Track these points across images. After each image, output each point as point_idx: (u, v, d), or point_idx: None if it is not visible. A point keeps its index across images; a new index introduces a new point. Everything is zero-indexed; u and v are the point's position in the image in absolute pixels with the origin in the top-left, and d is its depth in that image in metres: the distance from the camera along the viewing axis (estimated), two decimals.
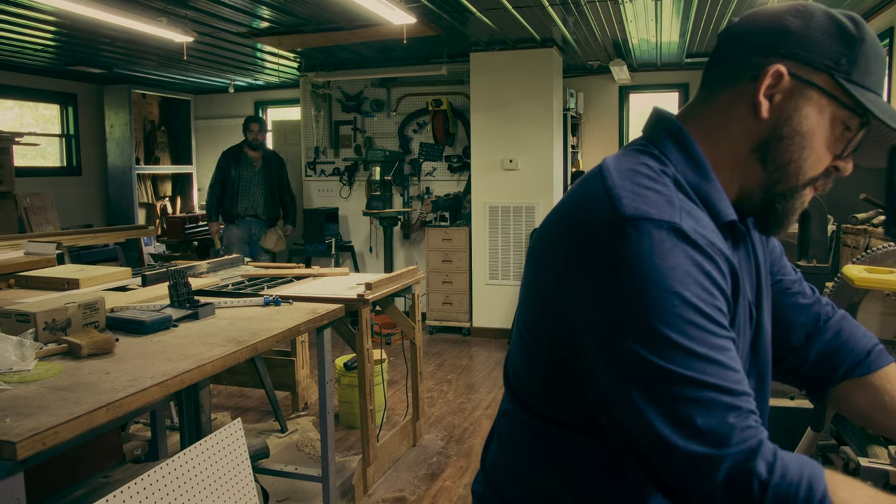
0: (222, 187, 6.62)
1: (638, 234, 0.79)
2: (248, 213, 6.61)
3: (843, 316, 1.11)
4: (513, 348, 1.02)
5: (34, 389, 1.66)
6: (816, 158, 0.90)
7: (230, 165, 6.59)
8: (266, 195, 6.66)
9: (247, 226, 6.65)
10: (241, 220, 6.62)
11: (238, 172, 6.58)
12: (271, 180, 6.69)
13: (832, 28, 0.88)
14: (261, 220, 6.67)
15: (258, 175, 6.64)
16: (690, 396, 0.75)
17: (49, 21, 5.11)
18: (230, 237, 6.63)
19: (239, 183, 6.57)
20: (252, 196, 6.62)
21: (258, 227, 6.69)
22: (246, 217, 6.62)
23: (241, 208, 6.58)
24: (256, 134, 6.61)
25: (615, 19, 5.25)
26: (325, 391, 2.75)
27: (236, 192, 6.58)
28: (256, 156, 6.66)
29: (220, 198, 6.62)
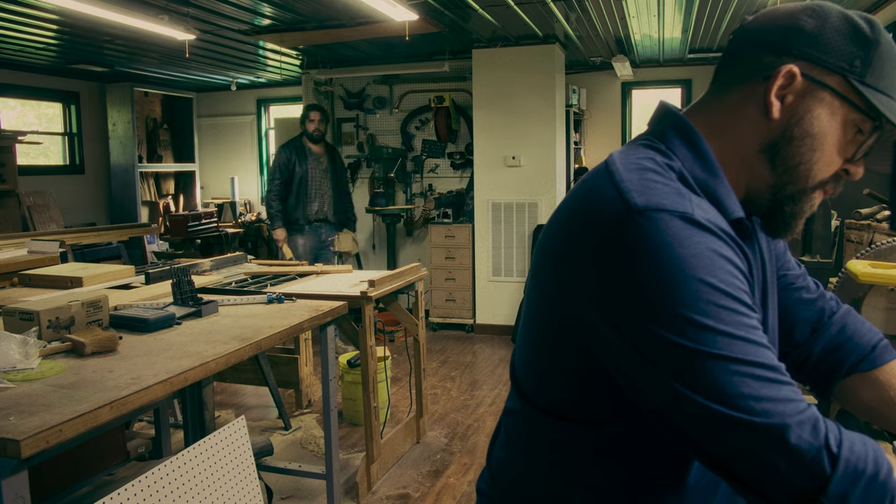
0: (286, 189, 5.70)
1: (653, 225, 0.79)
2: (319, 218, 5.80)
3: (848, 311, 1.10)
4: (520, 345, 1.02)
5: (38, 387, 1.67)
6: (827, 161, 0.89)
7: (293, 163, 5.65)
8: (335, 195, 5.85)
9: (316, 232, 5.83)
10: (311, 225, 5.78)
11: (304, 171, 5.66)
12: (338, 177, 5.89)
13: (847, 29, 0.86)
14: (331, 223, 5.88)
15: (326, 172, 5.78)
16: (738, 376, 0.75)
17: (51, 19, 5.12)
18: (297, 248, 5.76)
19: (307, 183, 5.68)
20: (323, 197, 5.78)
21: (328, 233, 5.90)
22: (315, 222, 5.80)
23: (312, 212, 5.75)
24: (317, 124, 5.70)
25: (617, 15, 5.23)
26: (329, 388, 2.75)
27: (304, 193, 5.69)
28: (320, 150, 5.80)
29: (283, 202, 5.69)
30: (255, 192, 9.03)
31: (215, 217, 7.95)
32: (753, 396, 0.74)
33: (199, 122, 8.98)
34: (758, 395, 0.74)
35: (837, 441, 0.75)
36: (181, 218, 7.54)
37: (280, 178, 5.66)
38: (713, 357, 0.75)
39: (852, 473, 0.74)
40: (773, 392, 0.75)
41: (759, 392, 0.75)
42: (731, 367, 0.75)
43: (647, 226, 0.79)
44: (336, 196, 5.84)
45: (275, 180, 5.67)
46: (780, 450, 0.74)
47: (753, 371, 0.75)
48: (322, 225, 5.83)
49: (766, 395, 0.75)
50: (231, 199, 8.79)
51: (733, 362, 0.75)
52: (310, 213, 5.74)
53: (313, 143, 5.74)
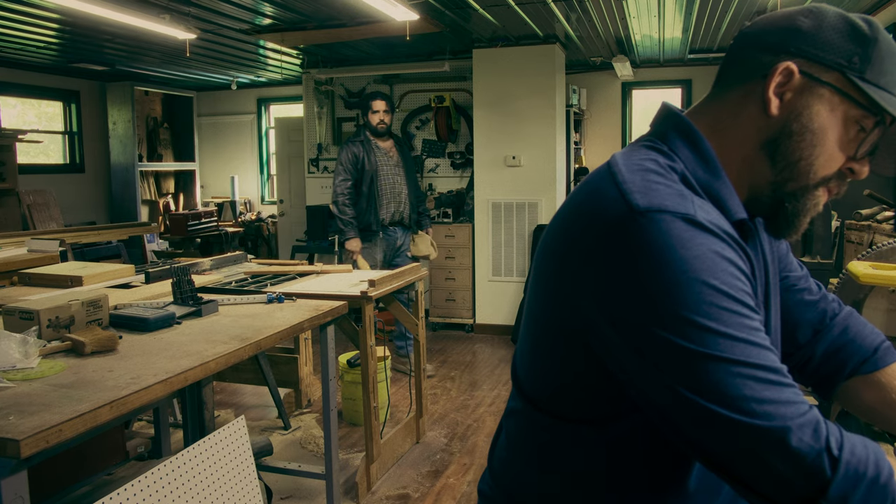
0: (356, 192, 5.01)
1: (655, 226, 0.79)
2: (395, 221, 5.14)
3: (850, 312, 1.10)
4: (521, 345, 1.02)
5: (38, 387, 1.66)
6: (828, 157, 0.89)
7: (362, 161, 4.97)
8: (410, 195, 5.18)
9: (391, 237, 5.16)
10: (386, 230, 5.11)
11: (374, 169, 4.98)
12: (410, 174, 5.22)
13: (845, 27, 0.87)
14: (405, 226, 5.23)
15: (398, 168, 5.12)
16: (740, 378, 0.75)
17: (52, 18, 5.12)
18: (374, 257, 5.08)
19: (379, 183, 5.00)
20: (398, 197, 5.09)
21: (404, 236, 5.25)
22: (390, 226, 5.13)
23: (387, 216, 5.07)
24: (382, 115, 4.99)
25: (618, 15, 5.23)
26: (329, 388, 2.74)
27: (376, 195, 5.00)
28: (388, 145, 5.12)
29: (354, 206, 5.02)
30: (255, 192, 9.04)
31: (215, 216, 7.96)
32: (755, 399, 0.74)
33: (199, 121, 8.98)
34: (759, 397, 0.74)
35: (839, 444, 0.75)
36: (181, 217, 7.54)
37: (351, 179, 4.97)
38: (715, 359, 0.75)
39: (853, 476, 0.74)
40: (774, 394, 0.75)
41: (761, 394, 0.75)
42: (733, 369, 0.75)
43: (649, 227, 0.79)
44: (411, 197, 5.19)
45: (345, 182, 4.96)
46: (781, 452, 0.74)
47: (755, 373, 0.75)
48: (398, 228, 5.18)
49: (767, 398, 0.75)
50: (231, 199, 8.79)
51: (735, 364, 0.75)
52: (384, 216, 5.05)
53: (379, 137, 5.06)
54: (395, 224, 5.13)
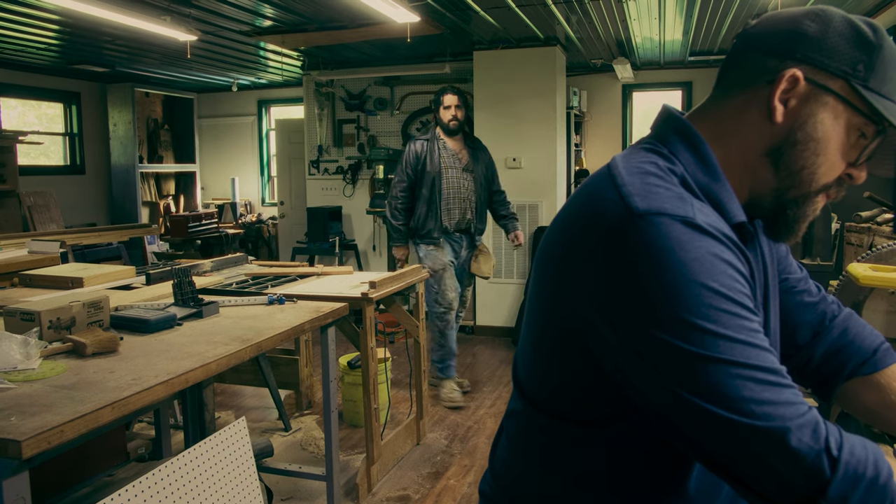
0: (411, 195, 4.59)
1: (654, 229, 0.79)
2: (460, 228, 4.67)
3: (850, 314, 1.10)
4: (522, 346, 1.02)
5: (39, 388, 1.67)
6: (830, 165, 0.89)
7: (423, 161, 4.52)
8: (478, 202, 4.67)
9: (455, 245, 4.72)
10: (450, 236, 4.68)
11: (437, 171, 4.51)
12: (488, 175, 4.74)
13: (850, 33, 0.87)
14: (470, 236, 4.75)
15: (467, 172, 4.62)
16: (739, 379, 0.75)
17: (53, 20, 5.12)
18: (439, 259, 4.58)
19: (441, 186, 4.53)
20: (464, 203, 4.61)
21: (468, 248, 4.77)
22: (456, 233, 4.68)
23: (450, 223, 4.61)
24: (455, 111, 4.50)
25: (618, 18, 5.24)
26: (329, 390, 2.75)
27: (438, 199, 4.52)
28: (458, 145, 4.63)
29: (408, 211, 4.61)
30: (256, 193, 9.04)
31: (216, 218, 7.97)
32: (755, 400, 0.75)
33: (199, 123, 9.00)
34: (759, 398, 0.75)
35: (838, 444, 0.75)
36: (181, 219, 7.55)
37: (406, 181, 4.55)
38: (714, 361, 0.76)
39: (852, 477, 0.74)
40: (774, 395, 0.75)
41: (761, 395, 0.75)
42: (733, 370, 0.75)
43: (648, 230, 0.79)
44: (479, 204, 4.68)
45: (400, 184, 4.57)
46: (781, 453, 0.74)
47: (755, 374, 0.76)
48: (463, 237, 4.73)
49: (767, 399, 0.75)
50: (231, 200, 8.80)
51: (735, 366, 0.76)
52: (447, 223, 4.59)
53: (450, 135, 4.59)
54: (462, 231, 4.70)
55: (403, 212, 4.60)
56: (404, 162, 4.54)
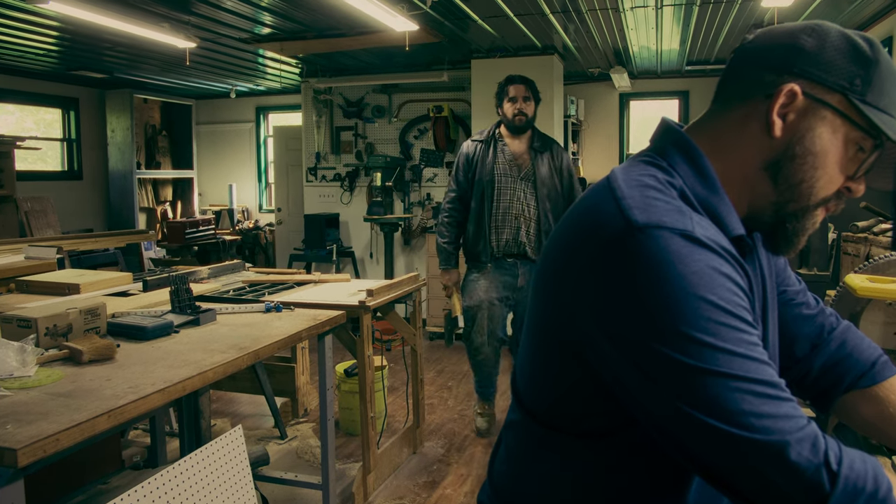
0: (463, 209, 3.87)
1: (654, 242, 0.79)
2: (511, 252, 3.82)
3: (848, 326, 1.11)
4: (521, 358, 1.02)
5: (35, 396, 1.66)
6: (829, 179, 0.90)
7: (475, 167, 3.80)
8: (541, 219, 3.79)
9: (507, 273, 3.85)
10: (498, 262, 3.83)
11: (490, 180, 3.77)
12: (550, 189, 3.82)
13: (847, 48, 0.87)
14: (530, 260, 3.84)
15: (529, 182, 3.80)
16: (738, 392, 0.75)
17: (52, 26, 5.13)
18: (476, 293, 3.85)
19: (493, 198, 3.78)
20: (519, 220, 3.77)
21: (526, 273, 3.85)
22: (507, 258, 3.83)
23: (499, 243, 3.79)
24: (522, 104, 3.77)
25: (616, 27, 5.26)
26: (326, 398, 2.74)
27: (489, 213, 3.77)
28: (522, 148, 3.85)
29: (459, 227, 3.89)
30: (253, 200, 9.04)
31: (213, 224, 7.96)
32: (754, 413, 0.75)
33: (197, 129, 9.00)
34: (758, 411, 0.75)
35: (837, 458, 0.75)
36: (179, 225, 7.54)
37: (457, 191, 3.85)
38: (714, 374, 0.76)
39: (851, 491, 0.74)
40: (773, 409, 0.75)
41: (760, 409, 0.75)
42: (732, 384, 0.76)
43: (647, 243, 0.79)
44: (545, 219, 3.78)
45: (449, 193, 3.90)
46: (780, 466, 0.74)
47: (754, 388, 0.76)
48: (518, 264, 3.82)
49: (766, 412, 0.75)
50: (229, 207, 8.79)
51: (734, 379, 0.76)
52: (494, 245, 3.78)
53: (515, 134, 3.83)
54: (514, 256, 3.79)
55: (452, 227, 3.84)
56: (455, 167, 3.86)
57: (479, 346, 3.86)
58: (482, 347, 3.86)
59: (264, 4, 4.63)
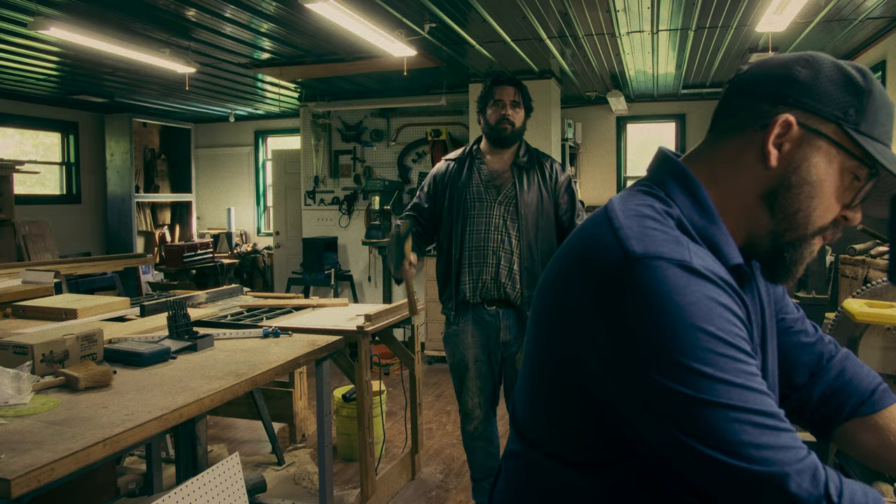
0: (428, 237, 3.16)
1: (651, 273, 0.79)
2: (493, 297, 2.96)
3: (847, 354, 1.11)
4: (520, 387, 1.02)
5: (30, 424, 1.65)
6: (825, 208, 0.91)
7: (445, 193, 3.05)
8: (527, 254, 2.94)
9: (488, 327, 3.00)
10: (478, 311, 3.00)
11: (463, 206, 2.98)
12: (538, 215, 2.98)
13: (840, 79, 0.88)
14: (512, 309, 2.98)
15: (510, 209, 2.97)
16: (737, 423, 0.75)
17: (53, 52, 5.16)
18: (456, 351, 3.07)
19: (467, 230, 2.97)
20: (493, 259, 2.94)
21: (510, 326, 2.99)
22: (486, 307, 2.98)
23: (466, 291, 2.98)
24: (510, 111, 3.00)
25: (612, 52, 5.31)
26: (324, 424, 2.72)
27: (460, 250, 2.99)
28: (503, 165, 3.05)
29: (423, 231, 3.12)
30: (252, 223, 9.05)
31: (211, 248, 7.96)
32: (753, 444, 0.75)
33: (196, 153, 9.03)
34: (757, 442, 0.75)
35: (838, 490, 0.75)
36: (177, 248, 7.53)
37: (412, 210, 3.14)
38: (713, 405, 0.76)
39: None
40: (772, 439, 0.75)
41: (759, 439, 0.75)
42: (731, 414, 0.75)
43: (645, 273, 0.79)
44: (530, 256, 2.94)
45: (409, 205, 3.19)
46: (780, 498, 0.74)
47: (752, 418, 0.76)
48: (499, 314, 2.97)
49: (765, 443, 0.75)
50: (227, 230, 8.80)
51: (733, 410, 0.76)
52: (468, 286, 2.97)
53: (496, 147, 3.05)
54: (493, 301, 2.96)
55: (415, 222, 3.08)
56: (427, 186, 3.15)
57: (471, 411, 3.06)
58: (474, 412, 3.05)
59: (264, 30, 4.67)
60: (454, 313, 3.06)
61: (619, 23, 4.52)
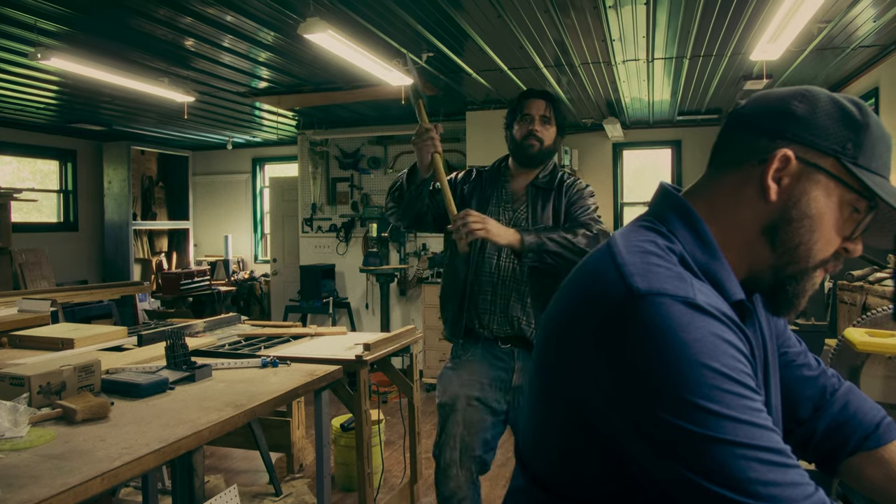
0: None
1: (655, 310, 0.79)
2: (505, 333, 2.59)
3: (850, 388, 1.11)
4: (524, 423, 1.02)
5: (27, 457, 1.63)
6: (826, 241, 0.91)
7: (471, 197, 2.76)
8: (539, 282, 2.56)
9: (498, 366, 2.59)
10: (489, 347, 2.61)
11: None
12: None
13: (837, 113, 0.89)
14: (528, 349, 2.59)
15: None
16: (744, 460, 0.75)
17: (52, 81, 5.19)
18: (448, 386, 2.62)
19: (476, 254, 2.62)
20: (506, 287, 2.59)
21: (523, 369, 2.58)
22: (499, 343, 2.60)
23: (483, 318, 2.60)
24: (539, 127, 2.65)
25: (608, 79, 5.36)
26: (323, 454, 2.70)
27: (466, 276, 2.63)
28: (520, 186, 2.72)
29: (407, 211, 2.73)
30: (248, 250, 9.05)
31: (208, 275, 7.94)
32: (760, 481, 0.74)
33: (194, 180, 9.05)
34: (765, 479, 0.74)
35: None
36: (174, 276, 7.52)
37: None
38: (719, 442, 0.75)
39: None
40: (779, 476, 0.75)
41: (766, 476, 0.74)
42: (738, 451, 0.75)
43: (649, 310, 0.79)
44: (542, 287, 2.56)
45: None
46: None
47: (759, 455, 0.75)
48: (514, 352, 2.59)
49: (772, 480, 0.74)
50: (224, 257, 8.79)
51: (739, 447, 0.75)
52: (476, 317, 2.61)
53: (521, 166, 2.71)
54: (507, 338, 2.60)
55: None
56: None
57: (446, 468, 2.56)
58: (449, 470, 2.55)
59: (262, 59, 4.71)
60: (462, 341, 2.65)
61: (615, 52, 4.57)
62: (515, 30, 4.08)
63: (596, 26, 4.03)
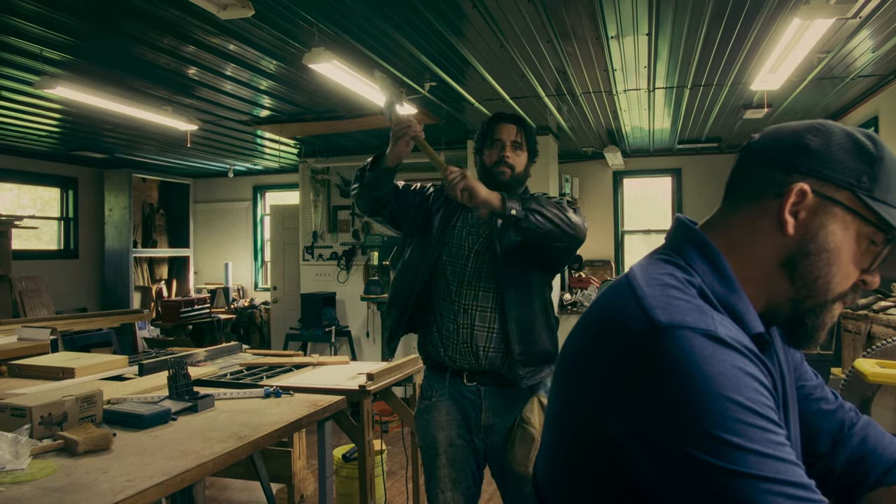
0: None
1: (678, 343, 0.79)
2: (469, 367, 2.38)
3: (868, 422, 1.10)
4: (542, 454, 1.01)
5: (28, 491, 1.60)
6: (844, 274, 0.91)
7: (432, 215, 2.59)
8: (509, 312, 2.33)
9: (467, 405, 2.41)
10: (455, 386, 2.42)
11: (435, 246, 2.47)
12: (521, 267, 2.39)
13: (852, 147, 0.90)
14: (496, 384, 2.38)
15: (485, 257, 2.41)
16: (769, 495, 0.74)
17: (55, 109, 5.22)
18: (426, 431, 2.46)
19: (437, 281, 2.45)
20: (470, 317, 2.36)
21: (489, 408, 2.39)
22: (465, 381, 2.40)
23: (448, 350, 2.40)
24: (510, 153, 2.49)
25: (609, 108, 5.39)
26: (326, 486, 2.66)
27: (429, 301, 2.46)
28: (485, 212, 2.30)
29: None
30: (249, 278, 9.03)
31: (208, 303, 7.92)
32: None
33: (195, 208, 9.07)
34: None
35: None
36: (174, 304, 7.49)
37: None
38: (744, 476, 0.74)
39: None
40: None
41: None
42: (763, 486, 0.74)
43: (672, 343, 0.79)
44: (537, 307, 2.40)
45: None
46: None
47: (785, 490, 0.74)
48: (479, 391, 2.40)
49: None
50: (224, 285, 8.77)
51: (765, 481, 0.74)
52: (441, 349, 2.41)
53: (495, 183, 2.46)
54: (473, 375, 2.40)
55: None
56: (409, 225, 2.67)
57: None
58: None
59: (264, 88, 4.74)
60: (427, 377, 2.50)
61: (616, 81, 4.60)
62: (517, 59, 4.12)
63: (598, 56, 4.07)
